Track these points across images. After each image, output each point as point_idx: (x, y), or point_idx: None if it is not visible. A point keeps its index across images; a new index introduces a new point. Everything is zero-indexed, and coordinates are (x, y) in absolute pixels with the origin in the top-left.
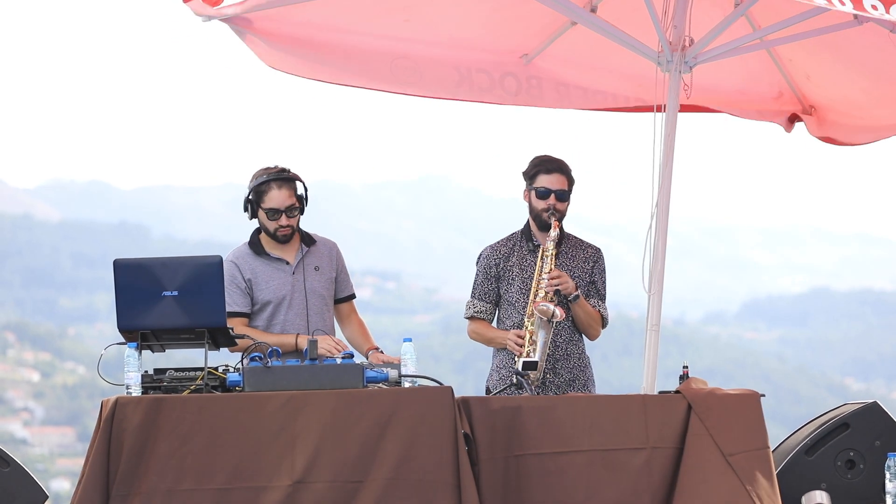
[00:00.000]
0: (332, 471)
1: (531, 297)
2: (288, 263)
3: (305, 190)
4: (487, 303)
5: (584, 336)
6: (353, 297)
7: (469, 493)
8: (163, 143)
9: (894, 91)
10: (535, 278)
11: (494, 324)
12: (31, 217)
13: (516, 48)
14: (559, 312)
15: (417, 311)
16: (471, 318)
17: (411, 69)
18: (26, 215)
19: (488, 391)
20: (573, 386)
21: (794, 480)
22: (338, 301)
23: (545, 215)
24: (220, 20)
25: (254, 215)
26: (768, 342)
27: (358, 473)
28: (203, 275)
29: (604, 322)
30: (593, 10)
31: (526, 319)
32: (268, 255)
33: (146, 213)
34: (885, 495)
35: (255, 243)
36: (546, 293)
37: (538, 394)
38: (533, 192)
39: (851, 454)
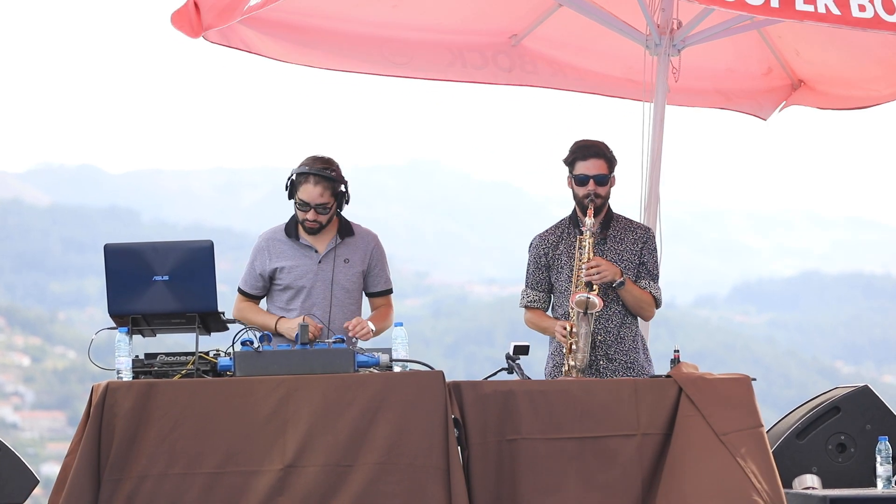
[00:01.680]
0: (323, 455)
1: (573, 287)
2: (316, 252)
3: (346, 188)
4: (540, 291)
5: (637, 319)
6: (388, 291)
7: (457, 478)
8: (153, 127)
9: (880, 70)
10: (575, 268)
11: (550, 311)
12: (21, 201)
13: (505, 29)
14: (598, 302)
15: (408, 296)
16: (525, 307)
17: (402, 51)
18: (16, 200)
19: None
20: (631, 370)
21: (785, 464)
22: (372, 295)
23: (586, 201)
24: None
25: (291, 198)
26: (759, 325)
27: (349, 457)
28: (194, 259)
29: (657, 303)
30: None
31: (570, 311)
32: (298, 239)
33: (136, 198)
34: (875, 479)
35: (290, 225)
36: (585, 283)
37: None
38: (573, 180)
39: (842, 438)
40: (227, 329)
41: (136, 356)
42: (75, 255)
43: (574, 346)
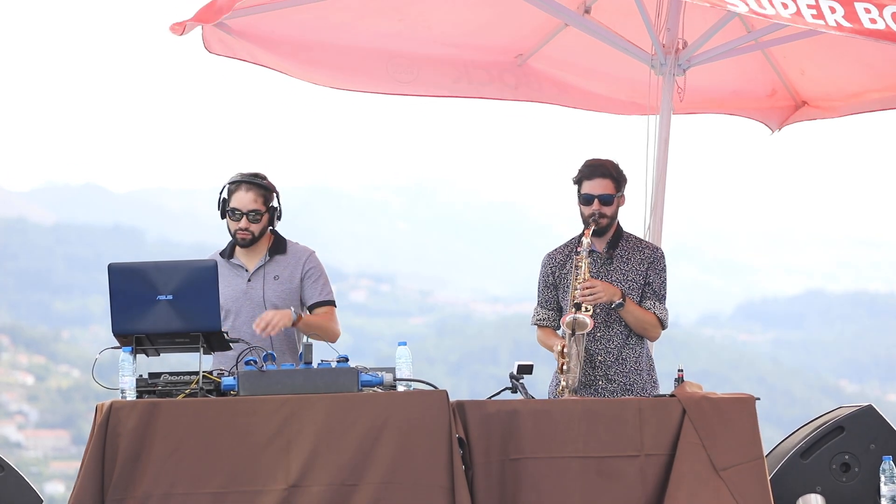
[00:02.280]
0: (327, 474)
1: (569, 307)
2: (246, 270)
3: (277, 198)
4: (549, 310)
5: (644, 339)
6: (326, 303)
7: (462, 497)
8: (157, 146)
9: (884, 82)
10: (571, 288)
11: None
12: (26, 220)
13: (511, 48)
14: (588, 323)
15: (412, 314)
16: (536, 325)
17: (407, 68)
18: (20, 218)
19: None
20: (630, 392)
21: (789, 484)
22: (311, 307)
23: (590, 221)
24: (213, 25)
25: (223, 216)
26: (763, 344)
27: (353, 477)
28: (198, 279)
29: (662, 323)
30: (587, 12)
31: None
32: (230, 260)
33: (141, 217)
34: (879, 499)
35: (228, 247)
36: (575, 304)
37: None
38: (579, 199)
39: (846, 457)
40: (231, 349)
41: (140, 375)
42: (79, 273)
43: (566, 367)
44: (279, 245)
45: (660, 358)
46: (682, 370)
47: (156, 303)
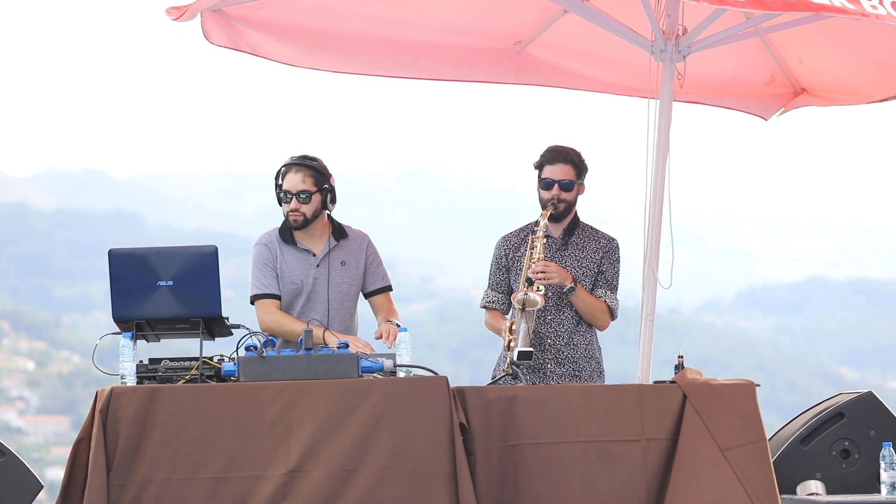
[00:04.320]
0: (327, 460)
1: (520, 287)
2: (314, 255)
3: (329, 179)
4: (499, 293)
5: (593, 328)
6: (386, 289)
7: (465, 484)
8: (158, 132)
9: (883, 74)
10: (524, 267)
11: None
12: (27, 205)
13: (510, 35)
14: (538, 300)
15: (413, 300)
16: (484, 307)
17: (408, 52)
18: (21, 204)
19: (493, 380)
20: (579, 377)
21: (789, 470)
22: (369, 294)
23: (548, 206)
24: (210, 10)
25: (279, 201)
26: (763, 331)
27: (353, 462)
28: (198, 265)
29: (612, 313)
30: None
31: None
32: (296, 244)
33: (141, 202)
34: (879, 485)
35: (284, 230)
36: (527, 281)
37: (535, 383)
38: (539, 184)
39: (846, 444)
40: (232, 334)
41: (141, 361)
42: (80, 259)
43: (513, 343)
44: (339, 230)
45: (660, 344)
46: (682, 356)
47: (156, 288)
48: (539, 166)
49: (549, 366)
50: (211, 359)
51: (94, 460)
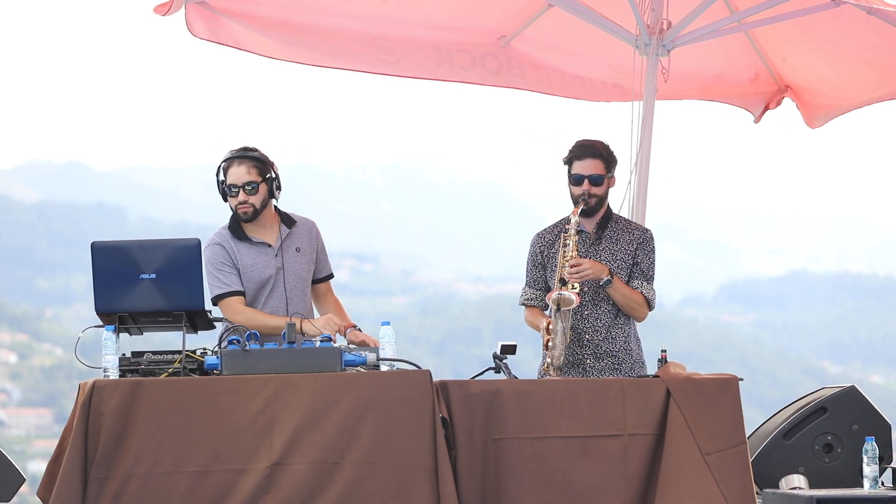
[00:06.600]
0: (309, 453)
1: (555, 284)
2: (270, 246)
3: (272, 168)
4: (537, 289)
5: (631, 319)
6: (331, 276)
7: (445, 478)
8: (140, 125)
9: (867, 72)
10: (558, 265)
11: None
12: (9, 197)
13: (494, 30)
14: (573, 299)
15: (395, 293)
16: (523, 304)
17: (390, 49)
18: (4, 196)
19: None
20: (619, 371)
21: (772, 464)
22: (315, 281)
23: (580, 201)
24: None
25: (224, 197)
26: (745, 325)
27: (335, 456)
28: (181, 257)
29: (649, 303)
30: None
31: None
32: (249, 238)
33: (123, 195)
34: (862, 479)
35: (234, 227)
36: (561, 280)
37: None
38: (569, 179)
39: (829, 438)
40: (214, 328)
41: (123, 354)
42: (62, 251)
43: (551, 343)
44: (288, 218)
45: (643, 338)
46: (665, 351)
47: (139, 281)
48: (568, 162)
49: (588, 361)
50: (194, 352)
51: (70, 453)
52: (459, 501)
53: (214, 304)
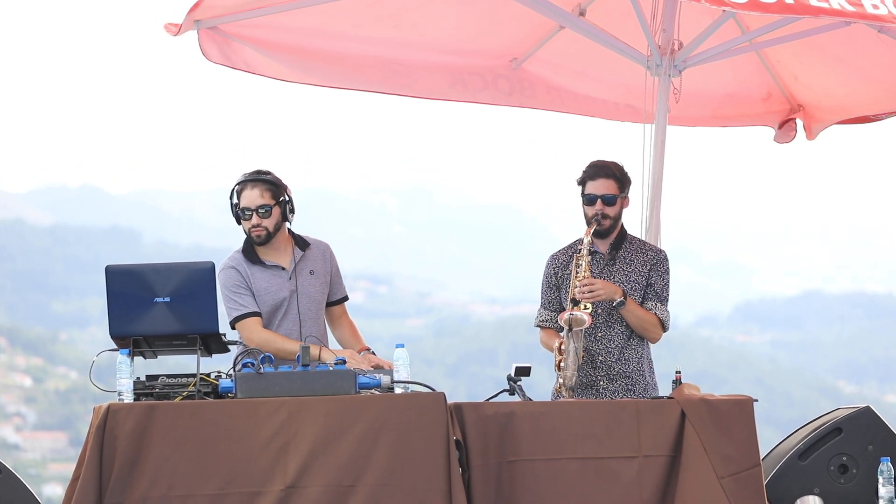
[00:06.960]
0: (324, 476)
1: (568, 305)
2: (284, 269)
3: (285, 191)
4: (552, 311)
5: (644, 340)
6: (345, 299)
7: (459, 500)
8: (155, 148)
9: (878, 91)
10: (570, 286)
11: None
12: (23, 221)
13: (506, 52)
14: (585, 319)
15: (410, 315)
16: (538, 326)
17: (403, 72)
18: (18, 220)
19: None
20: (632, 392)
21: (787, 485)
22: (330, 304)
23: (593, 221)
24: (207, 28)
25: (238, 220)
26: (761, 345)
27: (350, 479)
28: (195, 281)
29: (663, 325)
30: (582, 14)
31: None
32: (263, 262)
33: (138, 218)
34: (877, 500)
35: (248, 251)
36: (572, 301)
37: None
38: (582, 200)
39: (844, 459)
40: (229, 351)
41: (138, 378)
42: (77, 275)
43: (563, 364)
44: (302, 241)
45: (657, 359)
46: (679, 372)
47: (153, 305)
48: (581, 182)
49: (601, 382)
50: (208, 375)
51: (84, 477)
52: None
53: (233, 326)
